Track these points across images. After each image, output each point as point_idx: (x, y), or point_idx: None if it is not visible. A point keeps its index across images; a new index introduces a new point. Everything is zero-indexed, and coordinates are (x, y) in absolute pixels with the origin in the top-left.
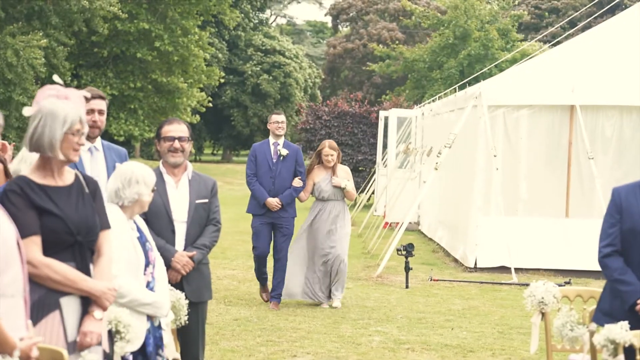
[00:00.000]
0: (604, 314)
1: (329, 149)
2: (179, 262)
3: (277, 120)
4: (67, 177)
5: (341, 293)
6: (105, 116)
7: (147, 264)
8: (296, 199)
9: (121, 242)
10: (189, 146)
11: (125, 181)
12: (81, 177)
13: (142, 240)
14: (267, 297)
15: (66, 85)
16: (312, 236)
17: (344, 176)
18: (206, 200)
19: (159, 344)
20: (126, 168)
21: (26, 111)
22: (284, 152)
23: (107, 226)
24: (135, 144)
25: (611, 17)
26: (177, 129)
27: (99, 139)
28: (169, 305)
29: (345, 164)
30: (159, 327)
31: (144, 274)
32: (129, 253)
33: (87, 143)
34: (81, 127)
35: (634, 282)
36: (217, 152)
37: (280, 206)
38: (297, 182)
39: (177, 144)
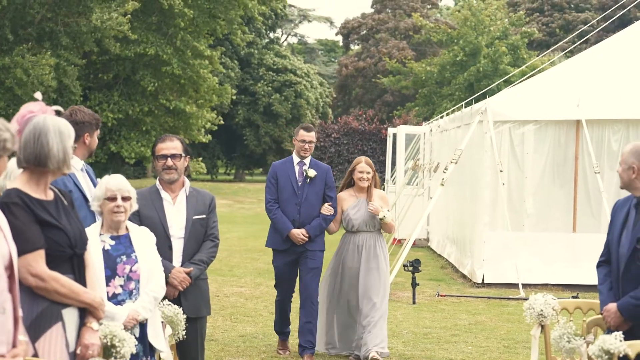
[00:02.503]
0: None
1: (365, 164)
2: (176, 277)
3: (305, 139)
4: (49, 191)
5: (378, 344)
6: None
7: (112, 276)
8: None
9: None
10: (183, 163)
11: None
12: (57, 191)
13: (115, 252)
14: (284, 352)
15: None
16: (339, 279)
17: (380, 203)
18: (204, 216)
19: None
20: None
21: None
22: (312, 173)
23: (88, 237)
24: (147, 165)
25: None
26: (170, 146)
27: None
28: (124, 317)
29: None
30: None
31: (108, 285)
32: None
33: (80, 162)
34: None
35: (604, 292)
36: (230, 171)
37: (307, 239)
38: (327, 210)
39: (169, 161)
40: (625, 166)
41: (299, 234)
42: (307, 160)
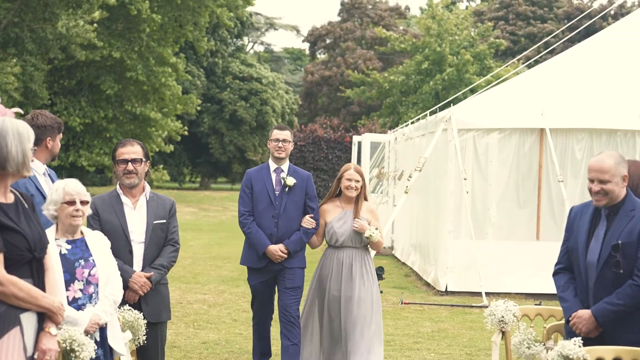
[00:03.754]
0: (565, 329)
1: (354, 172)
2: (137, 282)
3: (278, 138)
4: (9, 194)
5: None
6: None
7: (72, 280)
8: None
9: None
10: (143, 167)
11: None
12: (18, 194)
13: (73, 257)
14: None
15: None
16: (321, 300)
17: (368, 217)
18: (164, 221)
19: None
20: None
21: None
22: (291, 181)
23: (48, 240)
24: (109, 174)
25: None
26: (130, 150)
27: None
28: (86, 322)
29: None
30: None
31: (68, 289)
32: None
33: (42, 166)
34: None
35: (570, 299)
36: (195, 179)
37: (285, 256)
38: (308, 222)
39: (130, 166)
40: (618, 178)
41: (277, 250)
42: (285, 167)
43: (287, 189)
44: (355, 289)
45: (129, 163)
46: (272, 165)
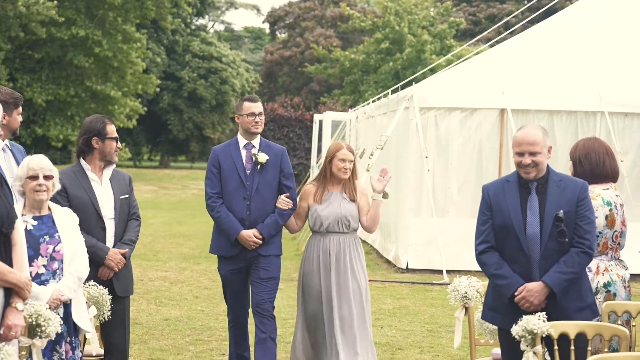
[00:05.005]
0: (489, 309)
1: (347, 151)
2: (113, 259)
3: (254, 112)
4: None
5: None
6: None
7: (35, 256)
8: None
9: None
10: None
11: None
12: None
13: (38, 232)
14: None
15: None
16: (308, 292)
17: (361, 199)
18: (127, 196)
19: (56, 339)
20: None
21: None
22: (263, 158)
23: (16, 216)
24: (72, 149)
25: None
26: (115, 129)
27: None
28: (47, 297)
29: None
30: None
31: (31, 265)
32: None
33: (1, 142)
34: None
35: (509, 275)
36: (154, 157)
37: (260, 241)
38: (283, 203)
39: (118, 144)
40: (545, 150)
41: (251, 236)
42: (256, 142)
43: (259, 166)
44: (342, 283)
45: (117, 141)
46: (242, 141)
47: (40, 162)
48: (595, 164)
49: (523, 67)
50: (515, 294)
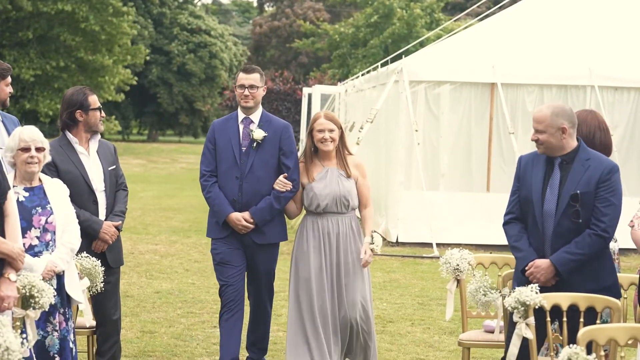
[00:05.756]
0: (515, 279)
1: (325, 120)
2: (107, 232)
3: (244, 84)
4: None
5: None
6: None
7: (28, 227)
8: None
9: None
10: None
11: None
12: None
13: (30, 204)
14: None
15: None
16: (303, 279)
17: (355, 174)
18: (114, 166)
19: (49, 310)
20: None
21: None
22: (259, 134)
23: (9, 186)
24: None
25: None
26: (97, 99)
27: None
28: (42, 268)
29: None
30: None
31: (24, 237)
32: None
33: None
34: None
35: (525, 248)
36: (143, 131)
37: (251, 226)
38: (280, 184)
39: (102, 113)
40: (553, 129)
41: (240, 219)
42: (255, 117)
43: (255, 144)
44: (342, 269)
45: (101, 110)
46: (241, 115)
47: (31, 134)
48: (585, 137)
49: (513, 41)
50: (526, 268)
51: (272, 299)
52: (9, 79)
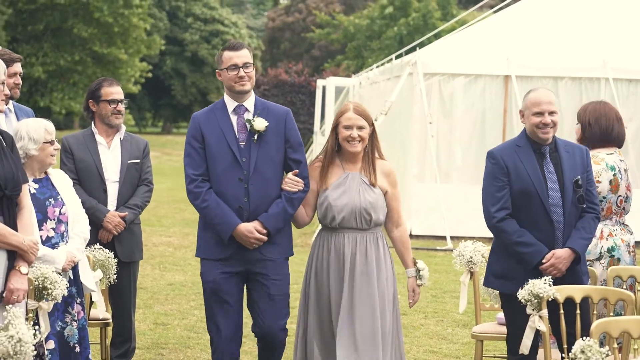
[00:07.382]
0: (497, 277)
1: (354, 113)
2: (111, 222)
3: (236, 63)
4: None
5: None
6: None
7: (44, 219)
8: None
9: None
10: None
11: (16, 137)
12: None
13: (43, 196)
14: None
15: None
16: (314, 302)
17: (383, 185)
18: (138, 161)
19: (67, 300)
20: (19, 124)
21: None
22: (261, 124)
23: (26, 179)
24: (75, 118)
25: None
26: (118, 90)
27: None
28: (63, 260)
29: None
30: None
31: (41, 229)
32: None
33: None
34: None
35: (534, 242)
36: (157, 123)
37: (264, 238)
38: (291, 183)
39: (120, 106)
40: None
41: (252, 231)
42: (249, 104)
43: (256, 136)
44: (357, 294)
45: (119, 103)
46: (231, 104)
47: (53, 127)
48: (605, 129)
49: (527, 33)
50: (543, 261)
51: (283, 337)
52: (17, 68)
